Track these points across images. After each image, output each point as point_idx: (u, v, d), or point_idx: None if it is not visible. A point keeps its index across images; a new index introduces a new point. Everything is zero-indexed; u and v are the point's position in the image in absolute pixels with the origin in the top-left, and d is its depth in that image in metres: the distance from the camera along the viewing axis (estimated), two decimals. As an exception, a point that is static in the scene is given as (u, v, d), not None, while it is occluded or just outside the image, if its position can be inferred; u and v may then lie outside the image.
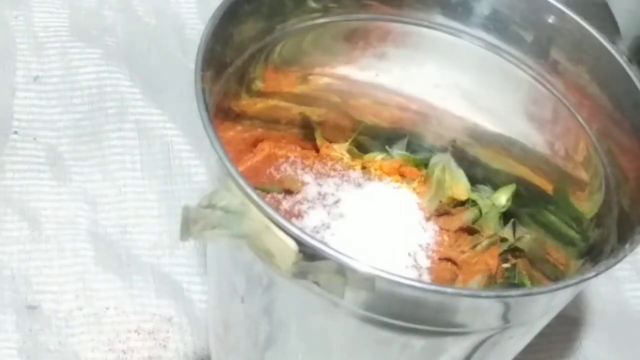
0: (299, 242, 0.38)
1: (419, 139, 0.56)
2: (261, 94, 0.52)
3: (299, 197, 0.53)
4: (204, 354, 0.57)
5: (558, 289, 0.41)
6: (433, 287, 0.41)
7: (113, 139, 0.65)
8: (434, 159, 0.55)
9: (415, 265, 0.51)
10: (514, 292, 0.42)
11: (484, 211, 0.54)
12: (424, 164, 0.56)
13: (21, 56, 0.68)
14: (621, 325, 0.63)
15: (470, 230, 0.54)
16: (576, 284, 0.41)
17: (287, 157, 0.54)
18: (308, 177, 0.54)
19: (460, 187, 0.55)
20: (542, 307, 0.43)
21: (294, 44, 0.51)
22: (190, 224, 0.39)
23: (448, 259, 0.52)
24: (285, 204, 0.52)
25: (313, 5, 0.50)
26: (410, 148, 0.56)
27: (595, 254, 0.47)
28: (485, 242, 0.53)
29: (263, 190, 0.52)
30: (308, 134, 0.55)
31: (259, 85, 0.51)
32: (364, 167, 0.55)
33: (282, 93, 0.53)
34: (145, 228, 0.62)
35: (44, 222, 0.60)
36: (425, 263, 0.51)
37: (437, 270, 0.51)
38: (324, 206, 0.52)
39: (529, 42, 0.51)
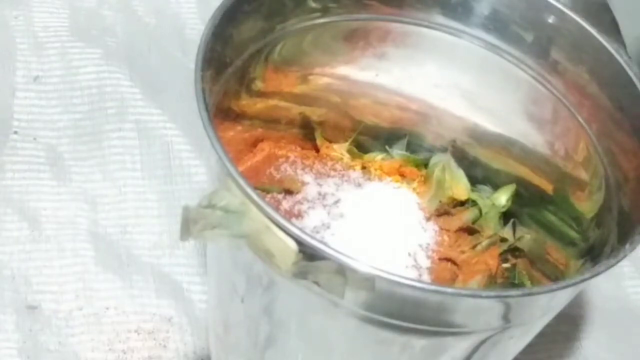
0: (299, 242, 0.38)
1: (419, 139, 0.56)
2: (261, 94, 0.52)
3: (299, 197, 0.53)
4: (204, 354, 0.57)
5: (558, 289, 0.41)
6: (433, 287, 0.41)
7: (113, 139, 0.65)
8: (434, 159, 0.55)
9: (415, 265, 0.51)
10: (514, 292, 0.42)
11: (484, 211, 0.54)
12: (424, 164, 0.56)
13: (21, 56, 0.68)
14: (622, 323, 0.63)
15: (470, 230, 0.54)
16: (576, 284, 0.41)
17: (287, 157, 0.54)
18: (308, 177, 0.54)
19: (460, 187, 0.55)
20: (542, 307, 0.43)
21: (294, 44, 0.51)
22: (190, 224, 0.39)
23: (448, 259, 0.52)
24: (285, 204, 0.52)
25: (313, 5, 0.50)
26: (410, 148, 0.56)
27: (595, 254, 0.47)
28: (485, 242, 0.53)
29: (263, 190, 0.52)
30: (308, 134, 0.55)
31: (259, 85, 0.51)
32: (364, 167, 0.55)
33: (282, 93, 0.53)
34: (145, 228, 0.62)
35: (44, 222, 0.60)
36: (425, 263, 0.51)
37: (437, 270, 0.51)
38: (324, 206, 0.52)
39: (529, 42, 0.51)
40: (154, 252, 0.61)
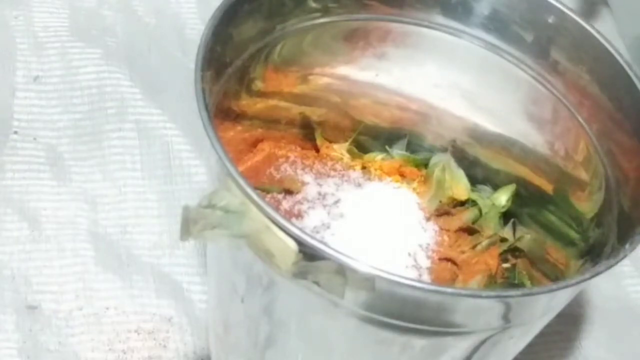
0: (299, 242, 0.38)
1: (419, 139, 0.56)
2: (261, 94, 0.52)
3: (299, 197, 0.53)
4: (204, 354, 0.57)
5: (558, 289, 0.41)
6: (433, 287, 0.41)
7: (113, 139, 0.65)
8: (434, 159, 0.55)
9: (415, 265, 0.51)
10: (514, 292, 0.42)
11: (484, 211, 0.54)
12: (424, 164, 0.56)
13: (21, 56, 0.68)
14: (622, 322, 0.63)
15: (470, 230, 0.54)
16: (576, 284, 0.41)
17: (287, 157, 0.54)
18: (308, 177, 0.54)
19: (460, 187, 0.55)
20: (542, 307, 0.43)
21: (294, 44, 0.51)
22: (190, 224, 0.39)
23: (448, 259, 0.52)
24: (285, 204, 0.52)
25: (313, 5, 0.50)
26: (410, 148, 0.56)
27: (595, 254, 0.47)
28: (485, 242, 0.53)
29: (263, 190, 0.52)
30: (308, 134, 0.55)
31: (259, 85, 0.51)
32: (364, 167, 0.55)
33: (282, 93, 0.53)
34: (145, 228, 0.62)
35: (44, 222, 0.60)
36: (425, 263, 0.51)
37: (437, 270, 0.51)
38: (324, 206, 0.52)
39: (529, 42, 0.51)
40: (154, 252, 0.61)
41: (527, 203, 0.54)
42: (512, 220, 0.54)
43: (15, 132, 0.65)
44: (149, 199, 0.63)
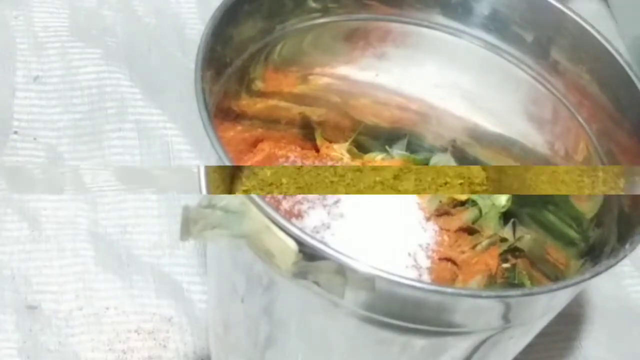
0: (299, 242, 0.38)
1: (419, 139, 0.56)
2: (261, 94, 0.52)
3: (299, 197, 0.52)
4: (204, 354, 0.57)
5: (558, 289, 0.41)
6: (433, 287, 0.41)
7: (113, 139, 0.65)
8: (434, 159, 0.56)
9: (415, 265, 0.51)
10: (514, 292, 0.42)
11: (484, 211, 0.54)
12: (424, 164, 0.56)
13: (21, 56, 0.68)
14: (622, 322, 0.63)
15: (470, 230, 0.54)
16: (576, 284, 0.41)
17: (287, 157, 0.54)
18: (308, 177, 0.54)
19: (460, 187, 0.55)
20: (542, 307, 0.43)
21: (294, 44, 0.51)
22: (190, 224, 0.39)
23: (448, 259, 0.52)
24: (285, 204, 0.52)
25: (313, 5, 0.50)
26: (410, 148, 0.56)
27: (595, 254, 0.47)
28: (485, 242, 0.53)
29: (263, 190, 0.52)
30: (308, 134, 0.55)
31: (259, 85, 0.51)
32: (364, 167, 0.55)
33: (282, 93, 0.53)
34: (145, 228, 0.62)
35: (44, 222, 0.60)
36: (425, 263, 0.51)
37: (437, 270, 0.51)
38: (324, 206, 0.52)
39: (529, 42, 0.51)
40: (154, 252, 0.61)
41: (527, 203, 0.54)
42: (512, 220, 0.54)
43: (15, 132, 0.65)
44: (149, 199, 0.63)
